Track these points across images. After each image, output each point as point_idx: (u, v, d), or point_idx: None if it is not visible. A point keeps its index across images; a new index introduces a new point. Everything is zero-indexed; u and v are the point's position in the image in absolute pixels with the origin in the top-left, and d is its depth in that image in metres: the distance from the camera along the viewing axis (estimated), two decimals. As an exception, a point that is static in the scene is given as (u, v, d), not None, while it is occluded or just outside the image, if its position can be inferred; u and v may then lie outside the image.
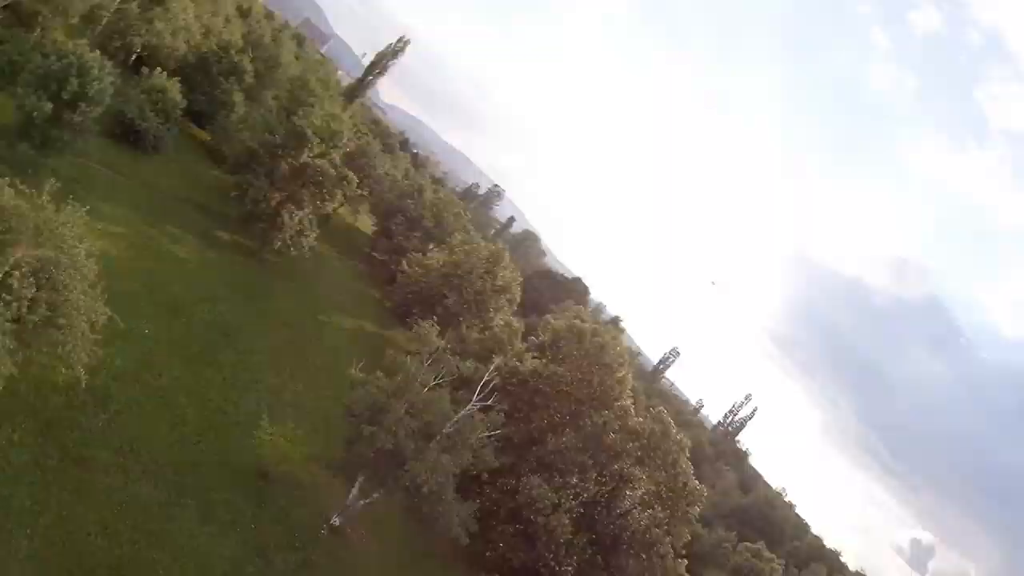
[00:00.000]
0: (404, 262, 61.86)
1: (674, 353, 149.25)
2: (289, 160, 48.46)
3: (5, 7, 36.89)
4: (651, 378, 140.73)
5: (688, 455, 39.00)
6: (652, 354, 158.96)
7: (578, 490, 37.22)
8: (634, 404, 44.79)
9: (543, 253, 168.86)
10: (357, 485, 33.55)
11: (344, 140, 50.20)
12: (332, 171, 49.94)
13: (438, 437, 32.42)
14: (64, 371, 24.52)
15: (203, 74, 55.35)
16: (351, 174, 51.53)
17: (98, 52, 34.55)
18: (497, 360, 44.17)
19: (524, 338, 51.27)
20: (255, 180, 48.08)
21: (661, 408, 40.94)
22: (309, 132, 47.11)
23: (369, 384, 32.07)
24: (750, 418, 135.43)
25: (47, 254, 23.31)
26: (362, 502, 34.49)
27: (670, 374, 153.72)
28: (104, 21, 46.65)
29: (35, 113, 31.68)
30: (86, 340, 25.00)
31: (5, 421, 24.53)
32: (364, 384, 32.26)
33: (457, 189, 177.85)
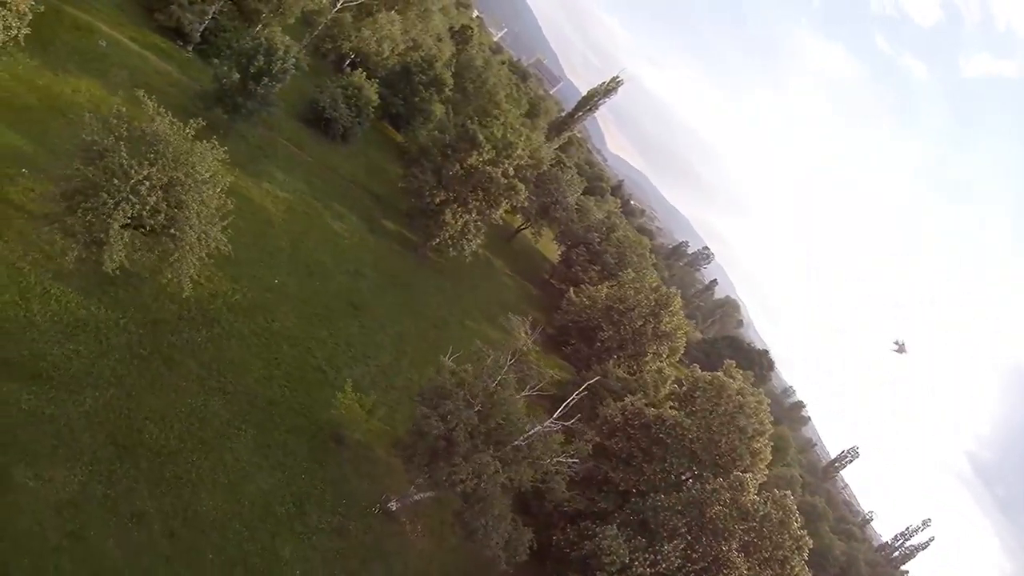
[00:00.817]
0: (572, 290, 61.74)
1: (852, 453, 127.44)
2: (459, 161, 50.02)
3: (230, 1, 44.07)
4: (822, 475, 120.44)
5: (805, 558, 30.41)
6: (831, 448, 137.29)
7: (659, 557, 30.91)
8: (761, 482, 36.93)
9: (740, 323, 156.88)
10: (418, 475, 31.73)
11: (518, 152, 50.54)
12: (501, 179, 50.48)
13: (507, 447, 29.49)
14: (169, 276, 26.79)
15: (405, 82, 60.84)
16: (520, 185, 51.49)
17: (287, 39, 39.31)
18: (628, 400, 40.29)
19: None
20: (420, 174, 50.34)
21: (786, 492, 32.79)
22: (480, 137, 48.20)
23: (445, 370, 30.42)
24: (924, 547, 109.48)
25: (176, 175, 25.86)
26: (419, 495, 32.52)
27: (845, 475, 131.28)
28: (320, 26, 53.88)
29: (224, 81, 36.69)
30: (193, 254, 27.25)
31: (118, 307, 27.36)
32: (443, 369, 30.71)
33: (668, 246, 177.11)
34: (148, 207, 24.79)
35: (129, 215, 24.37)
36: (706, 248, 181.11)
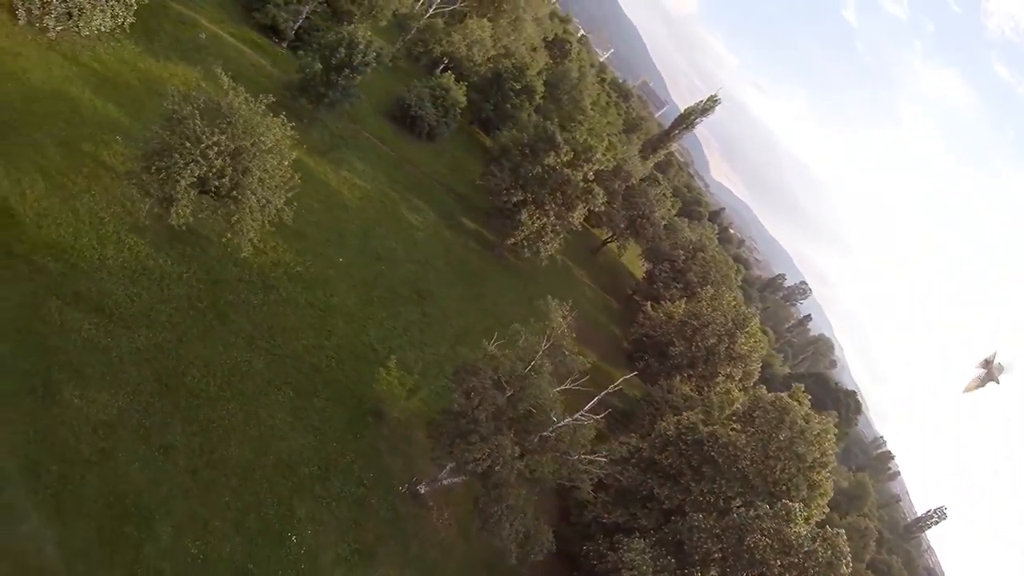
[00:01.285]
0: (649, 305, 60.57)
1: (939, 513, 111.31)
2: (537, 162, 50.24)
3: (324, 2, 47.49)
4: (904, 533, 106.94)
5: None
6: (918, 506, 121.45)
7: (686, 582, 28.50)
8: (819, 519, 33.18)
9: (834, 364, 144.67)
10: (442, 454, 31.53)
11: (597, 156, 50.14)
12: (579, 181, 50.20)
13: (533, 437, 28.61)
14: (229, 236, 28.91)
15: (496, 87, 62.34)
16: (598, 189, 50.99)
17: (369, 34, 41.62)
18: (685, 415, 38.16)
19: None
20: (498, 172, 51.05)
21: (839, 530, 28.98)
22: (559, 138, 48.25)
23: (482, 350, 30.20)
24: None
25: (243, 143, 27.98)
26: (448, 480, 32.29)
27: (932, 538, 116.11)
28: (413, 30, 56.58)
29: (308, 71, 39.44)
30: (254, 219, 29.30)
31: (183, 262, 29.85)
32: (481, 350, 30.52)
33: (764, 277, 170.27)
34: (215, 170, 27.06)
35: (196, 175, 26.70)
36: (803, 283, 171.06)
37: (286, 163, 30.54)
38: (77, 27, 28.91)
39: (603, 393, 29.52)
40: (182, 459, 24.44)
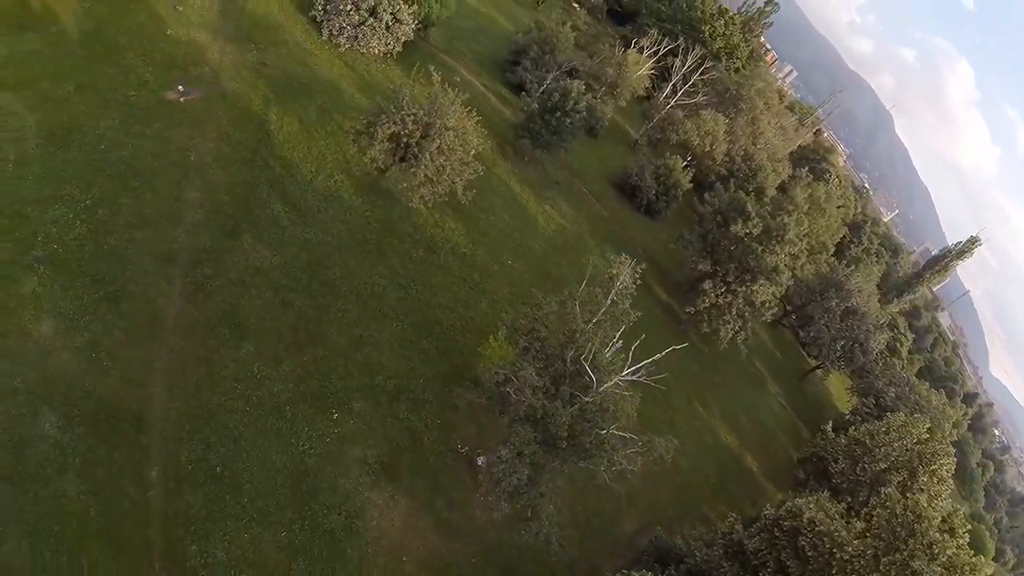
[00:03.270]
0: (830, 425, 50.51)
1: None
2: (726, 231, 48.64)
3: (568, 72, 55.26)
4: None
5: None
6: None
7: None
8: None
9: None
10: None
11: (789, 236, 46.52)
12: (765, 256, 46.79)
13: (581, 400, 26.46)
14: (404, 185, 36.04)
15: (726, 178, 62.14)
16: (784, 269, 46.89)
17: (582, 86, 47.75)
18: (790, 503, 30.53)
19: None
20: (687, 235, 50.88)
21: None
22: (749, 207, 46.64)
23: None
24: None
25: (434, 120, 35.66)
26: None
27: None
28: (655, 119, 61.26)
29: (526, 109, 46.95)
30: (462, 167, 36.23)
31: (371, 207, 37.90)
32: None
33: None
34: (407, 130, 35.04)
35: (391, 131, 35.00)
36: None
37: (469, 150, 37.01)
38: (359, 47, 42.13)
39: (648, 361, 26.45)
40: (292, 315, 30.50)
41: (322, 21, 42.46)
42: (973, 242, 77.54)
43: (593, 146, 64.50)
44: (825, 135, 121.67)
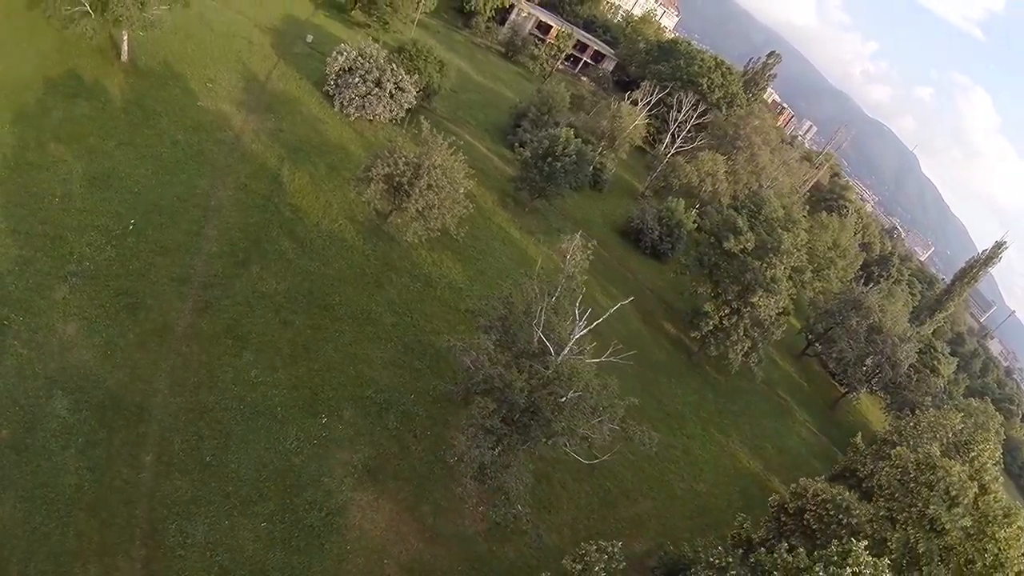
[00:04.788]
0: (859, 437, 49.05)
1: None
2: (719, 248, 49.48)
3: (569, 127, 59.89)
4: None
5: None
6: None
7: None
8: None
9: None
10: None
11: (784, 247, 47.52)
12: (762, 269, 47.20)
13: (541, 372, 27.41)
14: (398, 221, 39.90)
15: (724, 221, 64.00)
16: (783, 279, 47.39)
17: (572, 132, 51.73)
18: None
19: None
20: (683, 259, 52.36)
21: None
22: (740, 223, 48.22)
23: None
24: None
25: (423, 161, 40.06)
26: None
27: None
28: (658, 169, 64.58)
29: (519, 157, 51.16)
30: (452, 203, 39.90)
31: (372, 248, 41.70)
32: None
33: None
34: (398, 169, 39.28)
35: (385, 172, 39.30)
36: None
37: (458, 187, 40.89)
38: (367, 115, 47.88)
39: (599, 320, 27.90)
40: (290, 332, 33.56)
41: (333, 95, 48.89)
42: (999, 247, 75.94)
43: (598, 199, 68.12)
44: (846, 180, 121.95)
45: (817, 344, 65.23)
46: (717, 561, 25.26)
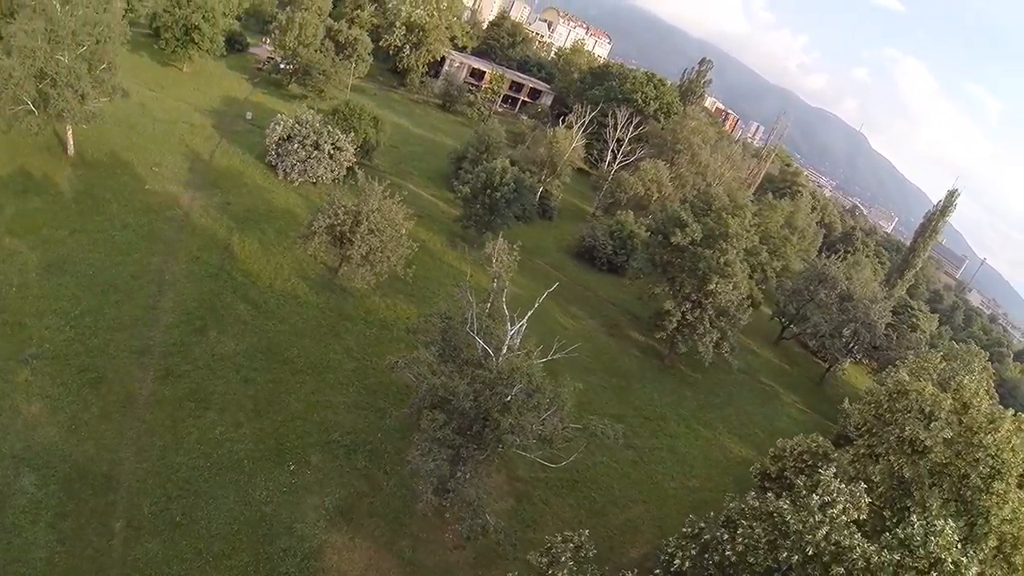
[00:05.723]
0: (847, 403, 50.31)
1: None
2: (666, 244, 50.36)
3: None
4: None
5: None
6: None
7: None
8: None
9: None
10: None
11: (732, 231, 48.20)
12: (712, 257, 48.40)
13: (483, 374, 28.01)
14: (343, 270, 41.91)
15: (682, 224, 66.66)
16: (735, 261, 47.88)
17: (507, 162, 54.96)
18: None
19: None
20: (638, 263, 53.17)
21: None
22: (683, 216, 48.99)
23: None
24: None
25: (361, 208, 42.44)
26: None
27: None
28: (604, 188, 67.95)
29: (459, 193, 54.08)
30: (396, 244, 42.11)
31: (324, 300, 43.55)
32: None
33: None
34: (339, 219, 41.61)
35: (327, 223, 41.55)
36: None
37: (399, 227, 43.25)
38: (310, 178, 50.57)
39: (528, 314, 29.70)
40: (252, 389, 34.91)
41: (276, 164, 51.63)
42: (952, 195, 78.58)
43: (549, 227, 71.02)
44: (796, 167, 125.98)
45: (792, 326, 66.33)
46: (689, 530, 25.32)
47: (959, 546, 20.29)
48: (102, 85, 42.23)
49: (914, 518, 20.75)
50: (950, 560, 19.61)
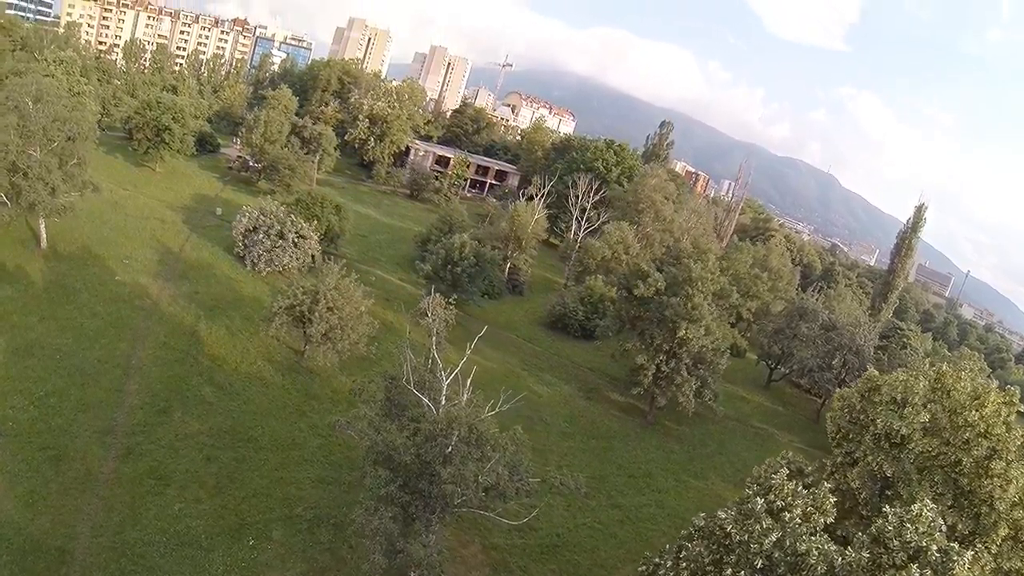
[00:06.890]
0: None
1: None
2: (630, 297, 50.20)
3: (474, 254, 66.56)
4: None
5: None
6: None
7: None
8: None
9: None
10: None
11: (695, 274, 48.32)
12: (680, 304, 48.13)
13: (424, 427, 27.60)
14: (306, 349, 43.35)
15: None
16: (703, 304, 47.79)
17: (466, 237, 58.29)
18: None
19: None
20: (606, 323, 53.76)
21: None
22: (644, 267, 50.21)
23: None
24: None
25: (319, 289, 44.72)
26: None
27: None
28: (572, 258, 70.21)
29: (422, 271, 56.82)
30: (356, 321, 43.82)
31: (290, 382, 44.56)
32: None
33: None
34: (298, 301, 43.58)
35: (286, 304, 43.45)
36: None
37: (358, 304, 45.24)
38: (276, 267, 53.03)
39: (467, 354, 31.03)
40: (215, 466, 35.19)
41: (244, 255, 54.12)
42: (920, 210, 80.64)
43: (520, 302, 72.39)
44: (767, 214, 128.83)
45: (779, 367, 65.31)
46: (644, 568, 23.27)
47: (943, 530, 17.96)
48: (72, 179, 44.77)
49: (887, 508, 18.28)
50: (934, 548, 16.94)
